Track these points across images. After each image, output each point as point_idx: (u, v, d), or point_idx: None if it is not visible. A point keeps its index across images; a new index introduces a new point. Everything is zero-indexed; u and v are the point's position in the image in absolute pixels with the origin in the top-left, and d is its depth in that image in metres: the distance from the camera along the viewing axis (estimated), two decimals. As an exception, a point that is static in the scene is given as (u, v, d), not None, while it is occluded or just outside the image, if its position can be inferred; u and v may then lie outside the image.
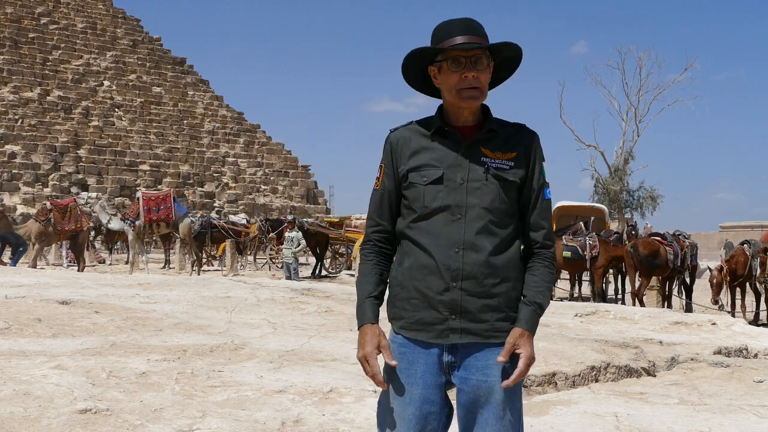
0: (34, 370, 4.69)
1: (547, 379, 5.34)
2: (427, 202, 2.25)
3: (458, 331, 2.21)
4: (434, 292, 2.22)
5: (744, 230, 38.48)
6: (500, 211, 2.25)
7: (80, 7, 55.16)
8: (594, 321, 8.53)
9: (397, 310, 2.30)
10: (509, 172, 2.26)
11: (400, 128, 2.37)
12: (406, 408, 2.25)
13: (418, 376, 2.25)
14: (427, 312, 2.23)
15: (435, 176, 2.25)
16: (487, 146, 2.28)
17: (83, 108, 49.94)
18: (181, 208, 21.41)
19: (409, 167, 2.29)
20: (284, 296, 8.70)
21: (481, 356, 2.22)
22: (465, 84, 2.23)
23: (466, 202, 2.23)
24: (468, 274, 2.20)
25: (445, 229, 2.22)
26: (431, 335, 2.23)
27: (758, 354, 7.19)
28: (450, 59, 2.23)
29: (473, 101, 2.25)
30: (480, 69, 2.23)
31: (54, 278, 10.38)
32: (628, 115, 50.22)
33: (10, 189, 43.69)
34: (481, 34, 2.26)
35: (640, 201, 49.82)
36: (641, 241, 14.97)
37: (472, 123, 2.31)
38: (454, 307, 2.21)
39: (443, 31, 2.27)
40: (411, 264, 2.27)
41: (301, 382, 4.81)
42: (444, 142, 2.28)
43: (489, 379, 2.21)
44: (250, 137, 56.74)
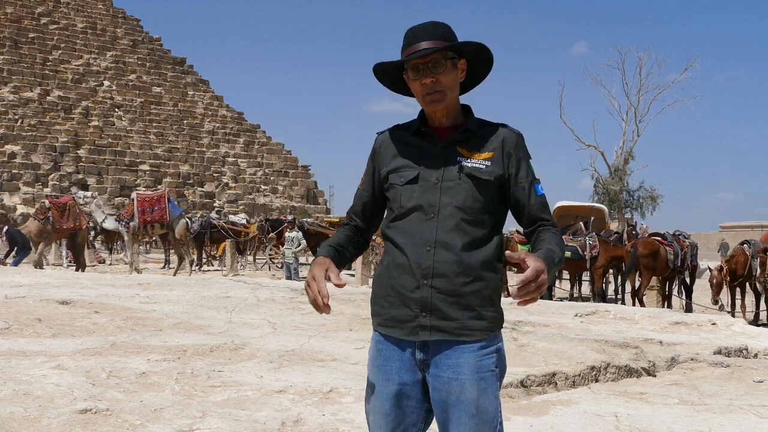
0: (34, 370, 4.69)
1: (547, 379, 5.34)
2: (403, 202, 2.31)
3: (428, 328, 2.24)
4: (407, 290, 2.25)
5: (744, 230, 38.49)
6: (474, 209, 2.27)
7: (80, 7, 55.15)
8: (594, 321, 8.52)
9: (376, 308, 2.36)
10: (484, 171, 2.28)
11: (384, 131, 2.45)
12: (384, 403, 2.29)
13: (393, 372, 2.29)
14: (401, 309, 2.27)
15: (411, 176, 2.31)
16: (463, 146, 2.32)
17: (83, 108, 49.93)
18: (176, 209, 21.39)
19: (389, 169, 2.37)
20: (284, 296, 8.70)
21: (451, 354, 2.23)
22: (425, 90, 2.29)
23: (439, 201, 2.26)
24: (438, 272, 2.22)
25: (419, 228, 2.27)
26: (403, 332, 2.27)
27: (758, 354, 7.18)
28: (410, 68, 2.30)
29: (436, 104, 2.31)
30: (439, 72, 2.28)
31: (54, 278, 10.38)
32: (628, 115, 50.24)
33: (10, 189, 43.68)
34: (441, 36, 2.29)
35: (640, 201, 49.82)
36: (641, 241, 14.97)
37: (448, 124, 2.36)
38: (425, 304, 2.23)
39: (405, 40, 2.33)
40: (389, 263, 2.32)
41: (301, 382, 4.81)
42: (421, 143, 2.35)
43: (460, 377, 2.22)
44: (250, 137, 56.74)
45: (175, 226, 20.44)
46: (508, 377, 5.12)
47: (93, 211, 21.05)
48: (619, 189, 48.59)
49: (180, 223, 20.71)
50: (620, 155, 49.75)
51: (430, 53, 2.25)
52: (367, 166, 2.46)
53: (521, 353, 5.96)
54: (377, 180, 2.42)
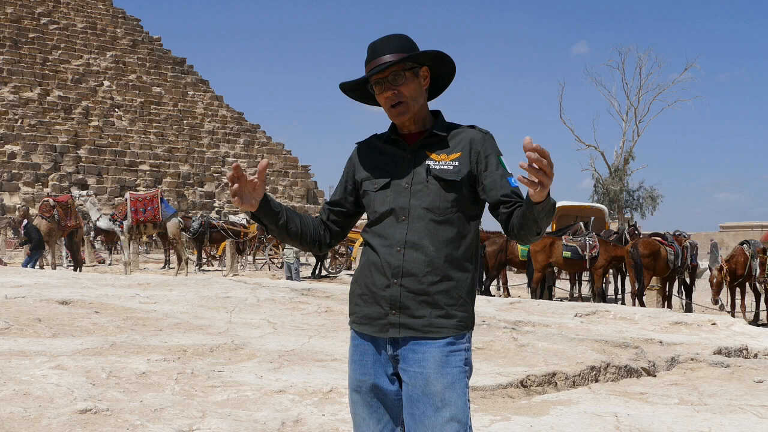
0: (34, 370, 4.68)
1: (547, 379, 5.34)
2: (377, 207, 2.41)
3: (397, 325, 2.32)
4: (378, 288, 2.35)
5: (744, 230, 38.49)
6: (441, 210, 2.33)
7: (80, 7, 55.15)
8: (594, 321, 8.52)
9: (352, 306, 2.48)
10: (452, 172, 2.34)
11: (361, 141, 2.56)
12: (364, 396, 2.40)
13: (369, 366, 2.39)
14: (373, 307, 2.37)
15: (383, 182, 2.41)
16: (432, 150, 2.39)
17: (83, 108, 49.93)
18: (169, 209, 21.41)
19: (362, 176, 2.48)
20: (284, 296, 8.70)
21: (418, 349, 2.30)
22: (389, 102, 2.37)
23: (409, 204, 2.34)
24: (407, 272, 2.30)
25: (391, 231, 2.35)
26: (374, 329, 2.37)
27: (758, 354, 7.18)
28: (373, 83, 2.39)
29: (402, 116, 2.38)
30: (400, 84, 2.35)
31: (54, 278, 10.38)
32: (628, 115, 50.27)
33: (10, 189, 43.68)
34: (398, 49, 2.35)
35: (640, 201, 49.86)
36: (641, 241, 14.96)
37: (416, 130, 2.43)
38: (394, 302, 2.32)
39: (367, 57, 2.41)
40: (364, 263, 2.43)
41: (301, 382, 4.81)
42: (392, 150, 2.44)
43: (425, 371, 2.28)
44: (250, 137, 56.74)
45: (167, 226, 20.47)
46: (508, 377, 5.14)
47: (89, 210, 21.08)
48: (619, 189, 48.61)
49: (172, 222, 20.70)
50: (620, 155, 49.78)
51: (386, 67, 2.32)
52: (342, 173, 2.56)
53: (521, 353, 5.96)
54: (350, 186, 2.52)
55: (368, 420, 2.38)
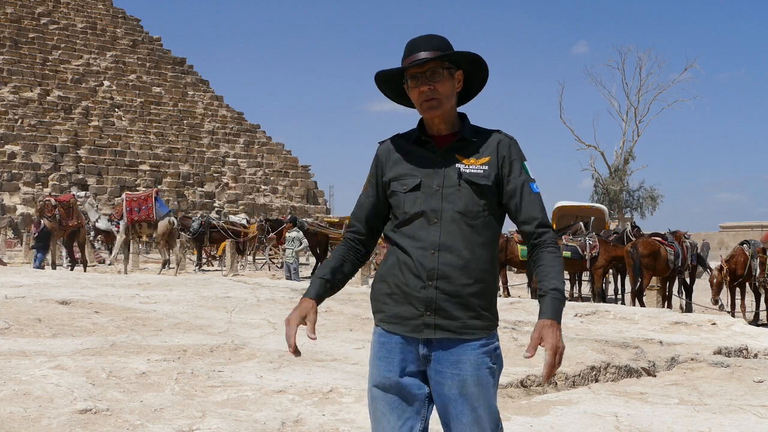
0: (34, 370, 4.68)
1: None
2: (407, 209, 2.43)
3: (432, 326, 2.36)
4: (412, 289, 2.38)
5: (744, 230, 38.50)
6: (473, 214, 2.39)
7: (80, 7, 55.15)
8: (594, 321, 8.53)
9: (378, 304, 2.47)
10: (482, 176, 2.40)
11: (386, 141, 2.57)
12: (387, 392, 2.40)
13: (396, 363, 2.40)
14: (405, 307, 2.39)
15: (413, 184, 2.43)
16: (461, 153, 2.44)
17: (83, 108, 49.93)
18: (164, 208, 21.43)
19: (391, 177, 2.49)
20: (284, 296, 8.70)
21: (454, 351, 2.36)
22: (423, 97, 2.41)
23: (442, 207, 2.39)
24: (442, 274, 2.35)
25: (423, 233, 2.39)
26: (407, 329, 2.39)
27: (758, 354, 7.19)
28: (409, 77, 2.43)
29: (433, 111, 2.42)
30: (437, 80, 2.41)
31: (54, 278, 10.38)
32: (628, 115, 50.30)
33: (10, 189, 43.68)
34: (438, 47, 2.42)
35: (640, 201, 49.89)
36: (641, 241, 14.96)
37: (446, 132, 2.47)
38: (429, 304, 2.36)
39: (405, 52, 2.46)
40: (393, 262, 2.44)
41: (301, 382, 4.81)
42: (421, 151, 2.47)
43: (461, 373, 2.35)
44: (250, 137, 56.75)
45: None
46: (508, 377, 5.13)
47: (87, 211, 21.11)
48: (619, 189, 48.63)
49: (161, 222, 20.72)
50: (620, 155, 49.80)
51: (426, 62, 2.38)
52: (369, 174, 2.57)
53: (521, 353, 5.96)
54: (380, 187, 2.53)
55: (389, 416, 2.39)
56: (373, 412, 2.44)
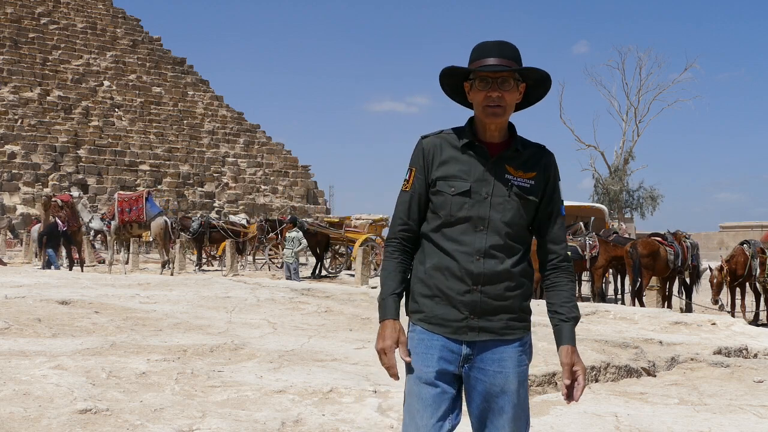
0: (34, 370, 4.69)
1: (547, 379, 5.34)
2: (453, 211, 2.45)
3: (476, 329, 2.44)
4: (456, 293, 2.42)
5: (744, 230, 38.48)
6: (518, 225, 2.47)
7: (80, 7, 55.15)
8: (594, 321, 8.53)
9: (417, 305, 2.50)
10: (529, 191, 2.48)
11: (431, 136, 2.56)
12: (422, 388, 2.43)
13: (434, 360, 2.44)
14: (447, 309, 2.44)
15: (463, 188, 2.45)
16: (511, 164, 2.48)
17: (83, 108, 49.93)
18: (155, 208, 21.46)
19: (438, 175, 2.49)
20: (284, 296, 8.70)
21: (497, 350, 2.45)
22: (489, 102, 2.43)
23: (489, 215, 2.44)
24: (487, 280, 2.42)
25: (468, 238, 2.43)
26: (449, 331, 2.44)
27: (758, 354, 7.19)
28: (479, 79, 2.44)
29: (495, 118, 2.45)
30: (506, 89, 2.44)
31: (54, 278, 10.38)
32: (628, 115, 50.30)
33: (10, 189, 43.69)
34: (512, 57, 2.46)
35: (640, 201, 49.88)
36: (641, 241, 14.96)
37: (498, 140, 2.50)
38: (474, 307, 2.42)
39: (477, 52, 2.48)
40: (434, 265, 2.46)
41: (301, 382, 4.81)
42: (472, 156, 2.48)
43: (504, 371, 2.45)
44: (250, 137, 56.75)
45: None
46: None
47: (80, 211, 21.15)
48: (619, 189, 48.63)
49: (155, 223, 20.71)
50: (620, 155, 49.81)
51: (503, 70, 2.42)
52: (414, 169, 2.54)
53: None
54: (427, 183, 2.53)
55: (422, 412, 2.42)
56: (407, 406, 2.47)
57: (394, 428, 4.08)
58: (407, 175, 2.56)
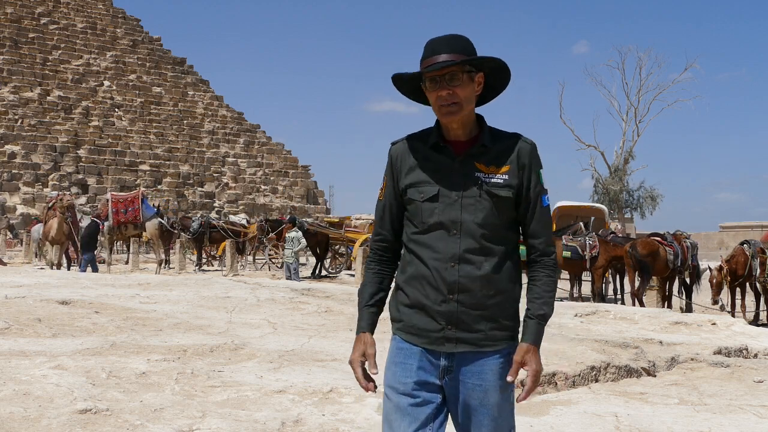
0: (34, 370, 4.69)
1: (547, 379, 5.34)
2: (424, 218, 2.35)
3: (453, 340, 2.32)
4: (432, 302, 2.32)
5: (744, 230, 38.45)
6: (494, 226, 2.33)
7: (80, 7, 55.16)
8: (594, 321, 8.53)
9: (398, 314, 2.42)
10: (503, 187, 2.33)
11: (399, 142, 2.47)
12: (401, 398, 2.36)
13: (413, 369, 2.36)
14: (425, 319, 2.34)
15: (431, 193, 2.35)
16: (480, 161, 2.35)
17: (83, 108, 49.94)
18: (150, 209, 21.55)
19: (407, 183, 2.40)
20: (284, 296, 8.70)
21: (476, 362, 2.33)
22: (441, 101, 2.32)
23: (461, 218, 2.31)
24: (463, 287, 2.30)
25: (442, 244, 2.32)
26: (425, 341, 2.34)
27: (758, 354, 7.19)
28: (428, 79, 2.33)
29: (451, 116, 2.33)
30: (456, 85, 2.31)
31: (54, 278, 10.38)
32: (628, 115, 50.31)
33: (10, 189, 43.69)
34: (459, 50, 2.32)
35: (640, 201, 49.89)
36: (640, 241, 14.96)
37: (464, 137, 2.38)
38: (450, 317, 2.31)
39: (424, 52, 2.37)
40: (412, 274, 2.37)
41: (301, 382, 4.81)
42: (439, 158, 2.37)
43: (484, 383, 2.33)
44: (250, 137, 56.76)
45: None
46: (508, 377, 5.13)
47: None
48: (619, 189, 48.64)
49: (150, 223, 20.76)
50: (620, 155, 49.82)
51: (445, 66, 2.29)
52: (385, 178, 2.48)
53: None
54: (398, 191, 2.44)
55: (400, 422, 2.35)
56: (386, 415, 2.40)
57: (394, 428, 4.07)
58: (382, 183, 2.50)
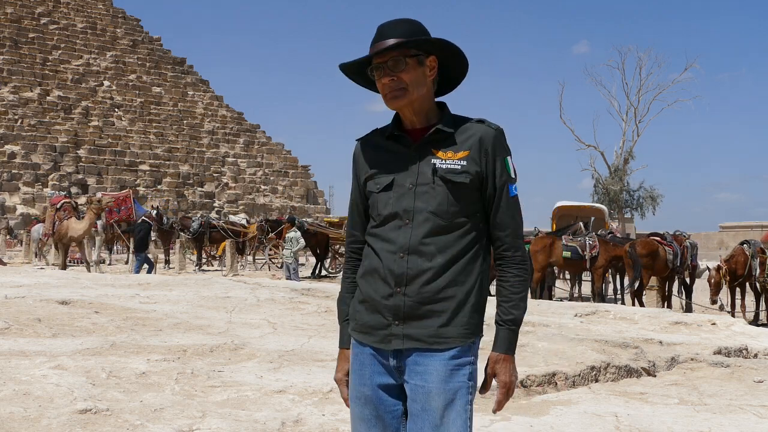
0: (34, 370, 4.69)
1: (547, 379, 5.33)
2: (380, 210, 2.24)
3: (400, 336, 2.17)
4: (380, 297, 2.19)
5: (744, 230, 38.46)
6: (450, 213, 2.17)
7: (80, 7, 55.16)
8: (594, 321, 8.52)
9: (353, 312, 2.30)
10: (459, 173, 2.18)
11: (363, 137, 2.37)
12: (363, 409, 2.25)
13: (367, 377, 2.23)
14: (374, 316, 2.21)
15: (386, 183, 2.23)
16: (438, 147, 2.21)
17: (83, 108, 49.94)
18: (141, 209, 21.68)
19: (366, 176, 2.30)
20: (284, 296, 8.70)
21: (422, 361, 2.16)
22: (386, 89, 2.21)
23: (414, 207, 2.18)
24: (411, 279, 2.15)
25: (394, 235, 2.19)
26: (375, 339, 2.21)
27: (758, 354, 7.19)
28: (374, 68, 2.22)
29: (396, 101, 2.21)
30: (400, 70, 2.18)
31: (54, 278, 10.38)
32: (628, 115, 50.26)
33: (10, 189, 43.69)
34: (403, 34, 2.18)
35: (640, 201, 49.85)
36: (640, 241, 14.96)
37: (420, 125, 2.25)
38: (397, 312, 2.16)
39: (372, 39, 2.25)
40: (365, 269, 2.26)
41: (301, 382, 4.81)
42: (395, 147, 2.26)
43: (427, 384, 2.14)
44: (250, 137, 56.76)
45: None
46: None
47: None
48: (619, 189, 48.61)
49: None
50: (620, 155, 49.78)
51: (385, 51, 2.17)
52: (352, 176, 2.38)
53: (521, 353, 5.96)
54: (361, 187, 2.35)
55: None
56: (353, 428, 2.31)
57: (394, 428, 4.07)
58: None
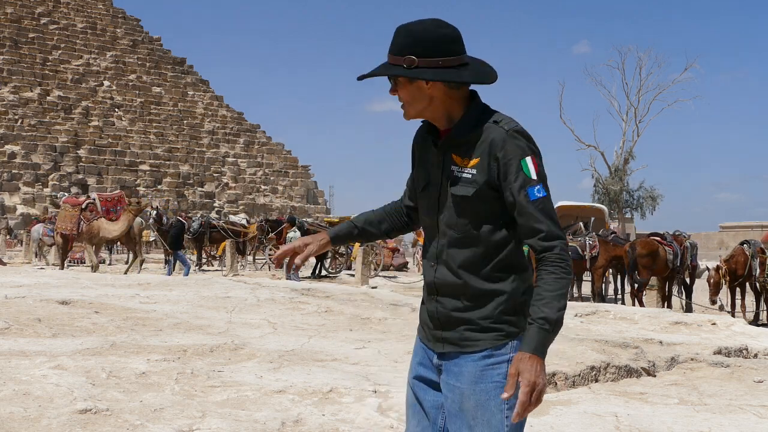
0: (34, 370, 4.68)
1: (546, 379, 5.33)
2: (422, 214, 2.30)
3: (441, 339, 2.23)
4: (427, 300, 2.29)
5: (744, 230, 38.47)
6: (460, 226, 2.14)
7: (80, 7, 55.17)
8: (594, 321, 8.53)
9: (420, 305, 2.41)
10: (467, 184, 2.11)
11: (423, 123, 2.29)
12: (408, 391, 2.35)
13: (414, 365, 2.33)
14: (425, 316, 2.32)
15: (423, 185, 2.25)
16: (456, 151, 2.14)
17: (83, 108, 49.96)
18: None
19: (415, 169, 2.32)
20: (284, 296, 8.70)
21: (457, 362, 2.19)
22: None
23: (438, 218, 2.19)
24: (441, 288, 2.20)
25: (428, 243, 2.26)
26: (424, 337, 2.31)
27: (758, 354, 7.19)
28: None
29: (405, 116, 2.19)
30: (397, 88, 2.16)
31: (54, 278, 10.38)
32: (628, 115, 50.25)
33: (10, 189, 43.71)
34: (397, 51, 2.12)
35: (640, 201, 49.87)
36: (640, 241, 14.97)
37: (445, 125, 2.18)
38: (433, 317, 2.24)
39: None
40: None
41: (301, 382, 4.81)
42: (430, 145, 2.23)
43: (460, 386, 2.16)
44: (250, 137, 56.77)
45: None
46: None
47: None
48: (619, 189, 48.62)
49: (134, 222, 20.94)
50: (620, 155, 49.79)
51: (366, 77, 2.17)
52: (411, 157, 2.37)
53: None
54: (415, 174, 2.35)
55: (411, 419, 2.32)
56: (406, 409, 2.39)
57: (394, 428, 4.08)
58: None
